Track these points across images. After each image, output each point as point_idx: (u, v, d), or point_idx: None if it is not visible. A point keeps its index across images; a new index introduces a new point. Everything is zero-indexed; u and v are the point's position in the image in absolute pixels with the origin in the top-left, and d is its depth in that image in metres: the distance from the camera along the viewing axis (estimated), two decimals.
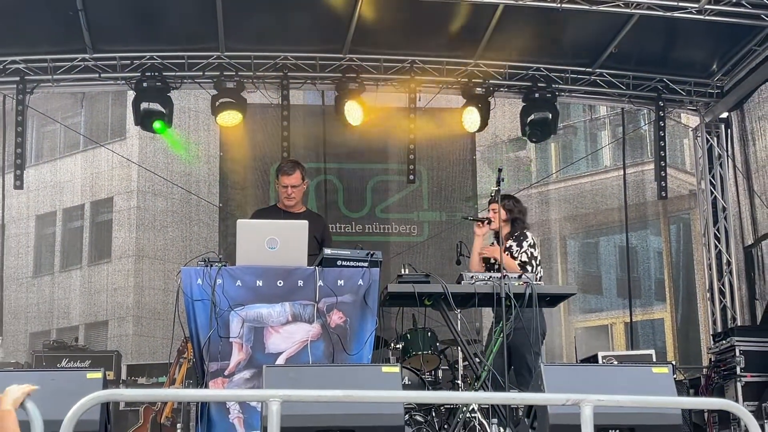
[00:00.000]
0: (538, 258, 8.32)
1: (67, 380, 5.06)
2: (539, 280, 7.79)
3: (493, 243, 8.36)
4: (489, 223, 8.14)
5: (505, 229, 8.20)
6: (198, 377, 6.79)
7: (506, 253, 8.10)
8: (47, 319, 21.07)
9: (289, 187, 8.05)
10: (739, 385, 9.89)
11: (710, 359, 10.93)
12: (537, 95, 11.99)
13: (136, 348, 19.07)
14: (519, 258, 8.14)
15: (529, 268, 8.05)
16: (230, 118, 11.78)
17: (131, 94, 11.81)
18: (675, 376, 8.93)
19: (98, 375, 4.95)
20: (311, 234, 7.56)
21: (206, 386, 6.56)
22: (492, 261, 8.19)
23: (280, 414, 4.09)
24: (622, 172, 14.12)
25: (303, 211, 8.20)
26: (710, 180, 12.51)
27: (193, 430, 7.31)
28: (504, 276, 7.30)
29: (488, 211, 8.28)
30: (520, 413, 6.68)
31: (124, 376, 12.20)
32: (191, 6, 10.50)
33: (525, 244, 8.25)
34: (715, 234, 12.39)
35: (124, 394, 9.46)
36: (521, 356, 7.88)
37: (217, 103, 11.73)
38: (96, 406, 4.43)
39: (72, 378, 5.24)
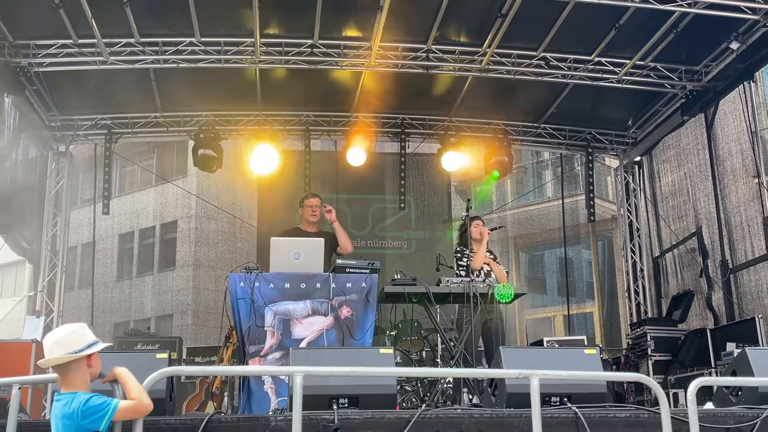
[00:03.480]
0: None
1: (142, 360, 5.02)
2: None
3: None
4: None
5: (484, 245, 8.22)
6: (240, 357, 6.76)
7: (494, 261, 8.20)
8: (127, 313, 21.06)
9: (315, 206, 8.21)
10: (650, 362, 9.88)
11: (628, 343, 10.90)
12: (497, 143, 12.02)
13: (193, 335, 19.02)
14: (502, 268, 8.21)
15: (509, 276, 8.12)
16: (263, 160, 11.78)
17: (191, 143, 11.82)
18: (601, 356, 8.90)
19: (165, 355, 4.90)
20: (328, 245, 7.62)
21: (247, 364, 6.53)
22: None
23: (302, 385, 4.08)
24: (561, 202, 14.13)
25: (317, 231, 8.19)
26: (627, 207, 12.52)
27: (236, 398, 7.25)
28: (471, 280, 7.31)
29: (470, 226, 8.27)
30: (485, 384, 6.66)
31: (184, 356, 12.14)
32: (237, 78, 10.54)
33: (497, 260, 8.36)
34: (631, 248, 12.38)
35: (184, 370, 9.41)
36: (493, 340, 7.86)
37: (253, 150, 11.75)
38: (163, 379, 4.41)
39: (145, 358, 5.20)
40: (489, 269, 8.05)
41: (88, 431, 3.50)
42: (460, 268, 7.99)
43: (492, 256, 8.28)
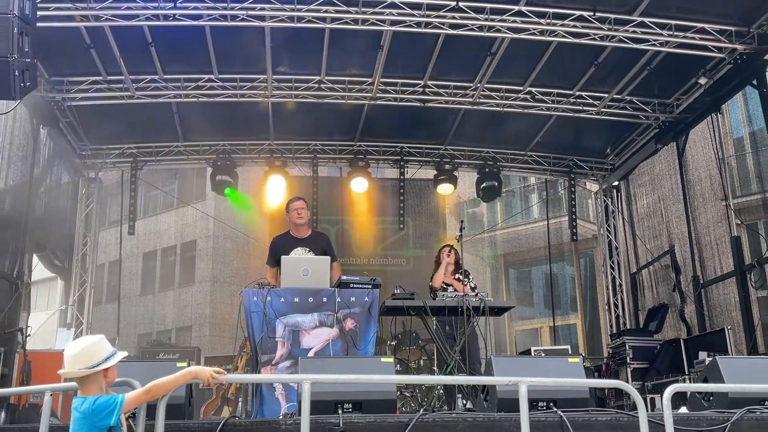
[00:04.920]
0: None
1: (163, 368, 4.97)
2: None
3: (444, 273, 8.34)
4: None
5: (452, 267, 8.24)
6: (253, 365, 6.73)
7: (458, 281, 8.18)
8: (150, 325, 20.97)
9: (300, 209, 7.80)
10: (628, 370, 9.82)
11: (609, 352, 10.84)
12: (487, 170, 12.05)
13: (210, 345, 18.92)
14: (468, 285, 8.14)
15: (475, 291, 8.08)
16: (277, 185, 11.84)
17: (209, 170, 11.86)
18: (584, 364, 8.84)
19: (184, 364, 4.86)
20: (320, 249, 7.58)
21: (259, 372, 6.50)
22: (445, 285, 8.20)
23: (310, 391, 4.06)
24: (546, 222, 14.14)
25: (310, 234, 7.94)
26: (607, 228, 12.53)
27: (250, 403, 7.20)
28: (465, 295, 7.28)
29: (447, 249, 8.34)
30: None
31: (202, 365, 12.07)
32: (251, 110, 10.59)
33: (471, 278, 8.33)
34: (610, 265, 12.37)
35: None
36: (473, 352, 7.82)
37: (268, 175, 11.80)
38: (183, 386, 4.39)
39: (166, 366, 5.15)
40: (453, 289, 8.03)
41: (102, 427, 3.49)
42: (431, 291, 8.11)
43: (462, 276, 8.26)
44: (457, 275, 8.23)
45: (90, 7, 7.98)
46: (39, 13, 5.73)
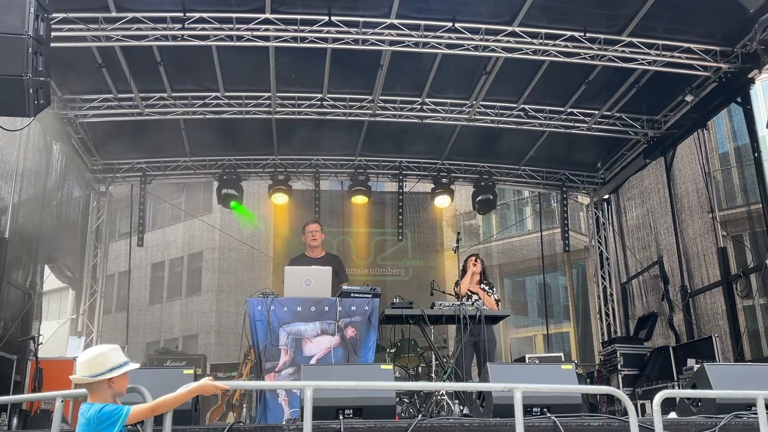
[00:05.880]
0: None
1: (171, 375, 4.96)
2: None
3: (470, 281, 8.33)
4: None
5: (478, 276, 8.23)
6: (257, 372, 6.71)
7: (484, 291, 8.16)
8: (157, 333, 20.89)
9: (314, 231, 8.05)
10: (619, 376, 9.79)
11: (600, 359, 10.81)
12: (483, 183, 12.06)
13: (216, 353, 18.84)
14: (492, 296, 8.14)
15: (500, 303, 8.06)
16: (280, 198, 11.87)
17: (216, 184, 11.87)
18: (577, 371, 8.80)
19: (191, 371, 4.85)
20: (333, 269, 7.58)
21: (263, 379, 6.48)
22: (470, 293, 8.18)
23: (312, 398, 4.04)
24: (539, 234, 14.12)
25: (323, 255, 8.10)
26: (598, 239, 12.53)
27: (254, 409, 7.17)
28: (461, 303, 7.28)
29: (473, 258, 8.34)
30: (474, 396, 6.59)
31: (208, 371, 12.04)
32: (256, 127, 10.62)
33: (495, 289, 8.35)
34: (601, 275, 12.36)
35: None
36: (487, 358, 7.80)
37: (272, 189, 11.83)
38: None
39: (174, 373, 5.14)
40: (478, 297, 8.03)
41: None
42: (457, 297, 8.10)
43: (487, 287, 8.26)
44: (482, 285, 8.25)
45: (101, 28, 8.03)
46: (53, 33, 5.75)
